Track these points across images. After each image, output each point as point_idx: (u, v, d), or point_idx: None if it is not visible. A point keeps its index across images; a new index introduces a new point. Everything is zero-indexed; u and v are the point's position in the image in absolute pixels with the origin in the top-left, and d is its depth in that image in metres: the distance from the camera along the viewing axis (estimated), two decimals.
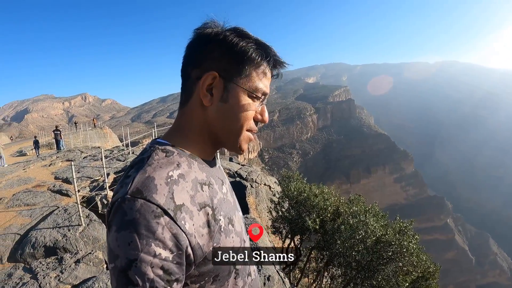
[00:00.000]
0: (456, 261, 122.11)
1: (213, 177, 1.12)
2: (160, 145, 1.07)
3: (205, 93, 1.05)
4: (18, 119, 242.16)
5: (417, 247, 6.30)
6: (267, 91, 1.11)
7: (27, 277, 5.90)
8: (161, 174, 0.93)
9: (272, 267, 6.08)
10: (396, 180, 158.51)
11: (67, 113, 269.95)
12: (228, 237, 1.04)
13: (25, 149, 29.00)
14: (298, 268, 9.63)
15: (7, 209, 9.98)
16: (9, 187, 12.52)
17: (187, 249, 0.90)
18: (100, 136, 39.01)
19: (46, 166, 16.86)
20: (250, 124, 1.09)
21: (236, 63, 1.05)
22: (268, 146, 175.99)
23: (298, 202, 8.15)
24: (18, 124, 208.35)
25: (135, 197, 0.86)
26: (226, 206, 1.11)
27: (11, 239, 7.99)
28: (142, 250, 0.82)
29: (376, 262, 6.13)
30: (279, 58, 1.12)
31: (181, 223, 0.88)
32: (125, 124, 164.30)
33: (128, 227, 0.84)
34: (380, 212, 7.60)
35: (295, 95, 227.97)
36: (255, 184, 13.27)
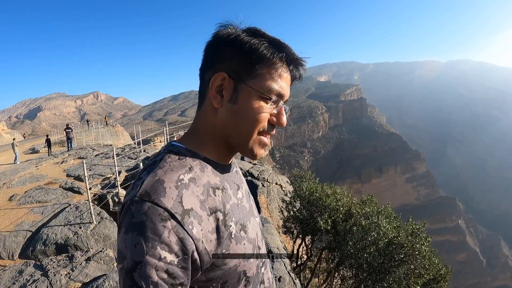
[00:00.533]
0: (467, 263, 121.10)
1: (228, 182, 1.10)
2: (174, 148, 1.06)
3: (215, 95, 1.03)
4: (31, 116, 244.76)
5: (429, 249, 6.22)
6: (284, 93, 1.05)
7: (37, 274, 5.90)
8: (172, 177, 0.93)
9: (283, 267, 6.06)
10: (407, 180, 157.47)
11: (79, 111, 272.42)
12: (239, 244, 1.01)
13: (38, 146, 29.25)
14: (308, 269, 9.59)
15: (19, 206, 10.05)
16: (21, 184, 12.64)
17: (193, 254, 0.88)
18: (112, 134, 39.25)
19: (58, 164, 17.00)
20: (261, 126, 1.03)
21: (246, 63, 1.01)
22: (279, 144, 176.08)
23: (310, 202, 8.08)
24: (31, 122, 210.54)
25: (143, 200, 0.86)
26: (240, 212, 1.08)
27: (23, 236, 8.04)
28: (148, 253, 0.82)
29: (387, 264, 6.06)
30: (294, 56, 1.06)
31: (188, 228, 0.87)
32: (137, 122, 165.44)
33: (135, 229, 0.84)
34: (393, 213, 7.53)
35: (307, 93, 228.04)
36: (267, 183, 13.24)
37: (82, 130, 41.94)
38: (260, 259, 1.15)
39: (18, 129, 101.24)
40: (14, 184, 12.74)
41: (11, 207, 10.02)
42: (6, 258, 7.38)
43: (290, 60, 1.05)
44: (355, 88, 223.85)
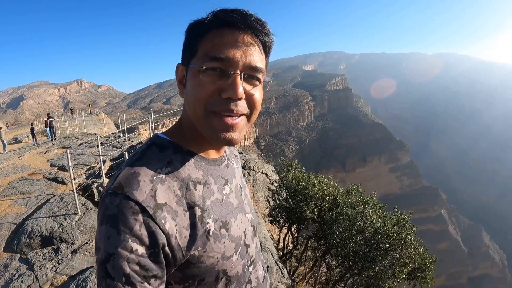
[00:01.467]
0: (448, 251, 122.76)
1: (213, 176, 1.07)
2: (157, 140, 1.04)
3: (179, 86, 1.04)
4: (13, 106, 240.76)
5: (415, 239, 6.30)
6: (224, 56, 0.92)
7: (23, 268, 5.87)
8: (148, 170, 0.92)
9: (270, 257, 6.09)
10: (391, 170, 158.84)
11: (63, 99, 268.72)
12: (218, 242, 0.99)
13: (21, 136, 28.88)
14: (294, 257, 9.65)
15: (2, 198, 9.91)
16: (4, 175, 12.47)
17: (165, 248, 0.87)
18: (96, 123, 38.93)
19: (41, 154, 16.82)
20: (207, 102, 0.93)
21: (188, 46, 1.00)
22: (264, 133, 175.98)
23: (296, 191, 8.10)
24: (14, 111, 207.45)
25: (116, 193, 0.86)
26: (224, 209, 1.05)
27: (7, 229, 7.93)
28: (120, 245, 0.81)
29: (373, 253, 6.13)
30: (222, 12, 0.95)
31: (160, 222, 0.86)
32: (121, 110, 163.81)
33: (108, 221, 0.84)
34: (379, 203, 7.60)
35: (292, 82, 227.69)
36: (253, 172, 13.23)
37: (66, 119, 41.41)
38: (246, 258, 1.12)
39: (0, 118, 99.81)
40: None
41: None
42: None
43: (226, 21, 0.95)
44: (340, 78, 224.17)
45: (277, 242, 9.46)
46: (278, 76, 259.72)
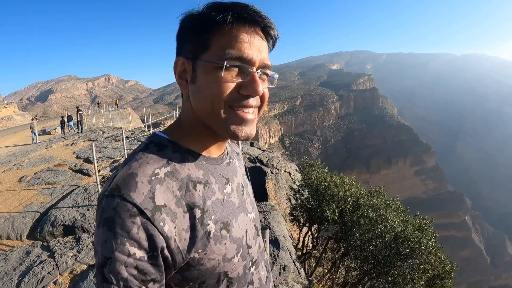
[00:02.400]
0: (470, 259, 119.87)
1: (214, 175, 1.04)
2: (156, 139, 1.01)
3: (180, 81, 0.99)
4: (42, 99, 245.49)
5: (436, 245, 6.18)
6: (246, 55, 0.92)
7: (44, 255, 5.97)
8: (146, 171, 0.89)
9: (288, 256, 6.06)
10: (416, 173, 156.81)
11: (90, 93, 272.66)
12: (218, 244, 0.96)
13: (49, 128, 29.43)
14: (313, 258, 9.60)
15: (28, 187, 10.17)
16: (31, 165, 12.79)
17: (164, 251, 0.85)
18: (122, 117, 39.30)
19: (68, 146, 17.18)
20: (225, 98, 0.92)
21: (195, 39, 0.95)
22: (289, 131, 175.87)
23: (318, 191, 8.03)
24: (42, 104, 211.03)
25: (113, 195, 0.84)
26: (225, 209, 1.02)
27: (31, 217, 8.14)
28: (117, 249, 0.80)
29: (393, 258, 6.03)
30: (243, 10, 0.93)
31: (159, 225, 0.83)
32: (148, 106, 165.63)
33: (105, 224, 0.82)
34: (401, 206, 7.49)
35: (318, 81, 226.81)
36: (275, 170, 13.19)
37: (93, 113, 42.01)
38: (248, 259, 1.10)
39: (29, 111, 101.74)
40: (24, 165, 12.89)
41: (21, 188, 10.15)
42: (14, 239, 7.49)
43: (241, 18, 0.93)
44: (367, 77, 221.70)
45: (297, 241, 9.42)
46: (304, 75, 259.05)
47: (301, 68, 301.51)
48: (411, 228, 6.20)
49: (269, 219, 7.52)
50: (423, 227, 6.34)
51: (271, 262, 5.67)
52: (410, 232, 6.02)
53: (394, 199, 7.60)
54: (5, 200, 9.40)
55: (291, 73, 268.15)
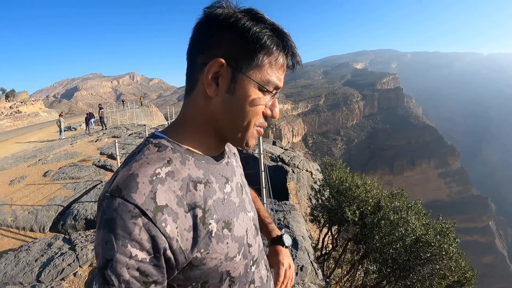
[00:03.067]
0: (493, 266, 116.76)
1: (214, 175, 1.03)
2: (155, 139, 0.99)
3: (210, 82, 0.94)
4: (68, 96, 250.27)
5: (457, 251, 6.07)
6: (280, 85, 0.99)
7: (65, 248, 6.07)
8: (147, 171, 0.87)
9: (306, 257, 6.03)
10: (440, 175, 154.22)
11: (115, 91, 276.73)
12: (220, 243, 0.95)
13: (74, 124, 29.98)
14: (333, 258, 9.55)
15: (53, 182, 10.37)
16: (56, 160, 13.06)
17: (166, 252, 0.84)
18: (146, 114, 39.83)
19: (92, 142, 17.46)
20: (259, 119, 0.99)
21: (247, 51, 0.93)
22: (312, 131, 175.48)
23: (339, 191, 7.96)
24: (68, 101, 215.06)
25: (114, 196, 0.83)
26: (226, 208, 1.01)
27: (54, 210, 8.32)
28: (118, 251, 0.79)
29: (413, 262, 5.94)
30: (295, 50, 0.99)
31: (161, 226, 0.82)
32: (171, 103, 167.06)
33: (106, 226, 0.81)
34: (423, 210, 7.38)
35: (342, 80, 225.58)
36: (297, 170, 13.15)
37: (117, 110, 42.61)
38: (249, 258, 1.10)
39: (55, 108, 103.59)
40: (49, 160, 13.18)
41: (45, 183, 10.37)
42: (37, 231, 7.68)
43: (289, 51, 0.98)
44: (392, 77, 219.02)
45: (317, 241, 9.38)
46: (328, 74, 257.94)
47: (325, 67, 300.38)
48: (432, 232, 6.10)
49: (288, 218, 7.50)
50: (444, 231, 6.24)
51: None
52: (431, 236, 5.93)
53: (416, 201, 7.50)
54: (29, 194, 9.62)
55: (315, 72, 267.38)
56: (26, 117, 42.55)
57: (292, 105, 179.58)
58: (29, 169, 12.43)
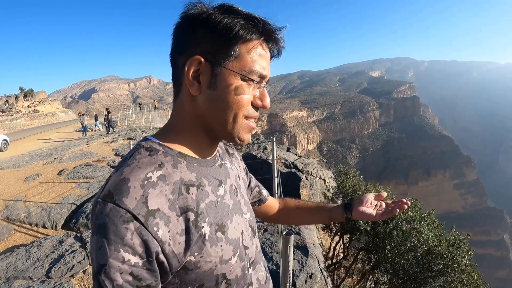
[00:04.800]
0: (507, 281, 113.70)
1: (207, 178, 1.02)
2: (146, 143, 0.99)
3: (192, 81, 0.95)
4: (85, 97, 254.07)
5: (470, 263, 5.96)
6: (265, 73, 0.98)
7: (76, 245, 6.14)
8: (138, 175, 0.87)
9: (316, 264, 5.99)
10: (455, 187, 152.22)
11: (132, 94, 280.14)
12: (214, 246, 0.95)
13: (90, 125, 30.34)
14: (343, 267, 9.48)
15: (67, 180, 10.47)
16: (71, 160, 13.22)
17: (159, 256, 0.84)
18: (162, 117, 40.13)
19: (108, 143, 17.65)
20: (246, 110, 0.98)
21: (222, 43, 0.93)
22: (327, 138, 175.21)
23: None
24: (85, 102, 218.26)
25: (105, 201, 0.82)
26: (219, 211, 1.01)
27: (67, 208, 8.40)
28: (111, 256, 0.79)
29: (424, 274, 5.85)
30: (272, 30, 0.98)
31: (152, 230, 0.82)
32: None
33: (99, 231, 0.81)
34: (436, 220, 7.28)
35: (358, 88, 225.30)
36: (310, 177, 13.08)
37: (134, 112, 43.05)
38: (246, 260, 1.09)
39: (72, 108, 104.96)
40: (65, 159, 13.34)
41: (59, 181, 10.47)
42: (49, 228, 7.77)
43: (269, 36, 0.98)
44: (408, 85, 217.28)
45: (328, 250, 9.32)
46: (344, 82, 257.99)
47: (341, 74, 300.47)
48: (445, 244, 6.02)
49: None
50: (458, 243, 6.15)
51: (298, 268, 5.62)
52: (444, 248, 5.85)
53: (430, 212, 7.42)
54: (44, 191, 9.73)
55: (331, 80, 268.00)
56: (44, 116, 43.03)
57: (308, 112, 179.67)
58: (44, 167, 12.57)
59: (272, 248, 6.06)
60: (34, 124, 39.13)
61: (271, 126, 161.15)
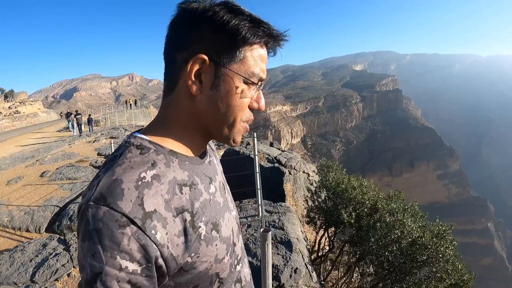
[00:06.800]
0: (492, 268, 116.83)
1: (198, 176, 0.99)
2: (136, 140, 0.93)
3: (194, 80, 0.91)
4: (67, 97, 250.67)
5: (454, 253, 6.03)
6: (264, 76, 0.97)
7: (60, 248, 6.09)
8: (131, 176, 0.82)
9: (300, 259, 6.01)
10: (439, 177, 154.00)
11: (115, 92, 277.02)
12: (210, 246, 0.93)
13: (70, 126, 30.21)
14: (329, 260, 9.53)
15: (49, 182, 10.40)
16: (53, 161, 13.15)
17: (158, 260, 0.80)
18: (145, 115, 40.07)
19: (90, 143, 17.52)
20: (245, 114, 0.97)
21: (229, 45, 0.90)
22: (311, 132, 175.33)
23: (335, 193, 7.92)
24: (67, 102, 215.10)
25: (98, 204, 0.77)
26: (213, 209, 0.98)
27: (51, 211, 8.35)
28: (107, 263, 0.74)
29: (409, 265, 5.91)
30: (276, 34, 0.96)
31: (150, 233, 0.78)
32: None
33: (92, 237, 0.76)
34: (420, 212, 7.35)
35: (341, 82, 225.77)
36: (294, 171, 13.11)
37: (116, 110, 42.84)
38: (233, 257, 1.07)
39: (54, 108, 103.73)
40: (47, 161, 13.26)
41: (42, 183, 10.39)
42: (33, 231, 7.70)
43: (273, 41, 0.97)
44: (391, 78, 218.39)
45: (313, 244, 9.36)
46: (327, 76, 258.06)
47: (324, 68, 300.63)
48: (429, 235, 6.09)
49: (283, 220, 7.48)
50: (441, 234, 6.22)
51: (282, 264, 5.64)
52: (427, 239, 5.91)
53: (413, 204, 7.49)
54: (26, 194, 9.63)
55: (314, 74, 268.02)
56: (25, 117, 42.63)
57: (291, 107, 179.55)
58: (26, 169, 12.47)
59: (256, 244, 6.07)
60: (16, 125, 38.77)
61: (255, 121, 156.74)
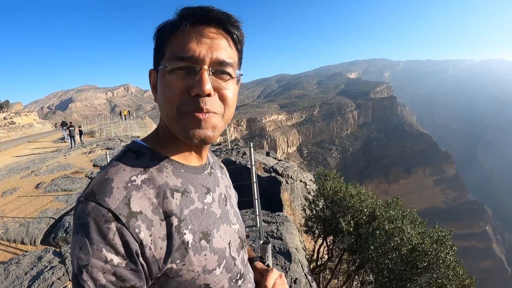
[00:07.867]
0: (491, 271, 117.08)
1: (193, 184, 1.00)
2: (134, 146, 0.99)
3: (153, 92, 1.00)
4: (62, 107, 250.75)
5: (454, 259, 5.98)
6: (189, 53, 0.89)
7: (55, 261, 6.00)
8: (122, 177, 0.86)
9: (300, 269, 5.94)
10: (436, 182, 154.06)
11: (110, 103, 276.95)
12: (198, 255, 0.92)
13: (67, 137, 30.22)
14: (329, 269, 9.46)
15: (45, 194, 10.31)
16: (48, 172, 13.03)
17: (139, 258, 0.82)
18: (140, 126, 40.11)
19: (85, 154, 17.42)
20: (179, 102, 0.89)
21: (157, 49, 0.97)
22: (307, 141, 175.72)
23: (333, 201, 7.89)
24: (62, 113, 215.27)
25: (88, 200, 0.81)
26: (204, 219, 0.98)
27: (46, 223, 8.27)
28: (93, 255, 0.77)
29: (409, 272, 5.86)
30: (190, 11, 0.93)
31: (134, 231, 0.80)
32: None
33: (80, 230, 0.79)
34: (418, 218, 7.31)
35: (336, 90, 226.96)
36: (291, 181, 13.05)
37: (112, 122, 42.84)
38: (234, 271, 1.04)
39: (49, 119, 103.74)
40: (42, 172, 13.14)
41: (37, 195, 10.31)
42: (28, 244, 7.63)
43: (184, 17, 0.93)
44: (385, 85, 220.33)
45: (312, 253, 9.29)
46: (322, 84, 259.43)
47: (318, 77, 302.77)
48: (429, 241, 6.03)
49: (281, 230, 7.40)
50: (441, 239, 6.17)
51: None
52: (427, 245, 5.86)
53: (411, 210, 7.44)
54: (21, 206, 9.55)
55: (308, 82, 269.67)
56: (20, 128, 42.55)
57: (287, 116, 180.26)
58: (21, 181, 12.37)
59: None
60: (11, 136, 38.67)
61: (250, 130, 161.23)
